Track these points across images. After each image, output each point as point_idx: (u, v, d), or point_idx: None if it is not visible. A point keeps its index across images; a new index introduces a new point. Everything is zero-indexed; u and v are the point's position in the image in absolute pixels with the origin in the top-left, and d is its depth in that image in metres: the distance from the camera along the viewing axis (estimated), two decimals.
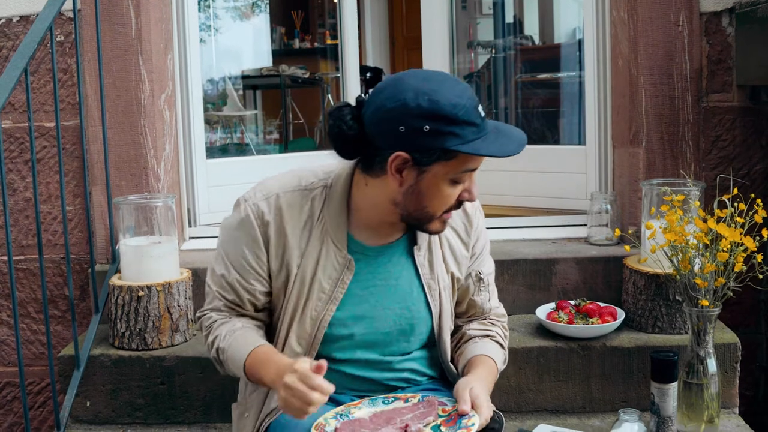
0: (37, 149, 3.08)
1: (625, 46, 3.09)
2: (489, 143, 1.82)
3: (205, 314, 2.08)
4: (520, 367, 2.68)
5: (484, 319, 2.22)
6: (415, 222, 1.96)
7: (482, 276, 2.17)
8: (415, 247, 2.07)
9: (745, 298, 3.00)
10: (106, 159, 2.96)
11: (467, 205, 2.13)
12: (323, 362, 1.74)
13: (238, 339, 1.98)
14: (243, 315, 2.06)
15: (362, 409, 2.00)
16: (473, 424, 1.86)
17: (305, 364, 1.76)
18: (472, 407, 1.86)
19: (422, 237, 2.07)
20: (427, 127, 1.79)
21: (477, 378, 2.01)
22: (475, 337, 2.17)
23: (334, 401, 2.06)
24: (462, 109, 1.79)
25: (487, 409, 1.88)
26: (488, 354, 2.13)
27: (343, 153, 1.94)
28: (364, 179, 1.96)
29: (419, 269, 2.07)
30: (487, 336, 2.18)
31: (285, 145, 7.10)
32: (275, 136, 7.15)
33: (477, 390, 1.90)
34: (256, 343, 1.98)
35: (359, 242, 2.02)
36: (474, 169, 1.88)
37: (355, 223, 2.02)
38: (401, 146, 1.83)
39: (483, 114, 1.84)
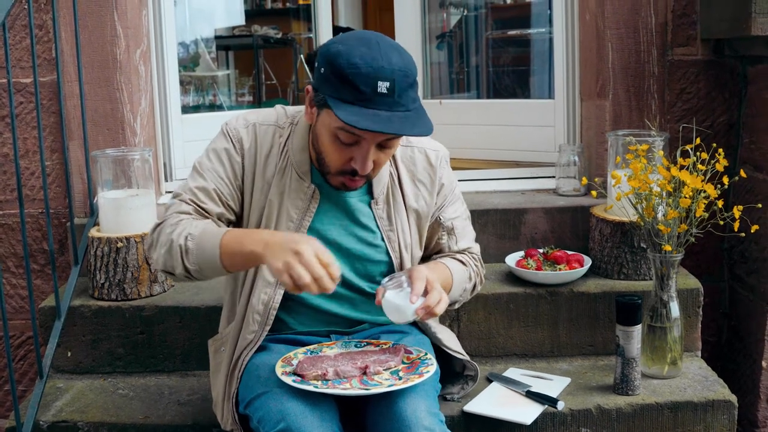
0: (14, 105, 3.09)
1: (592, 0, 3.15)
2: (355, 113, 1.81)
3: (169, 217, 2.04)
4: (489, 312, 2.74)
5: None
6: (321, 169, 2.02)
7: (442, 221, 2.23)
8: (372, 201, 2.13)
9: (709, 247, 3.08)
10: (83, 114, 2.98)
11: (431, 155, 2.20)
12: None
13: (211, 225, 2.00)
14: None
15: (333, 349, 2.07)
16: (428, 372, 1.94)
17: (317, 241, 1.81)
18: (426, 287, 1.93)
19: (378, 189, 2.12)
20: (323, 69, 1.87)
21: (426, 266, 2.10)
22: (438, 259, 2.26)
23: (301, 343, 2.14)
24: (353, 68, 1.81)
25: (437, 293, 1.94)
26: (442, 261, 2.22)
27: None
28: None
29: (378, 221, 2.13)
30: (449, 257, 2.26)
31: (258, 105, 7.09)
32: (248, 97, 7.13)
33: (425, 272, 1.97)
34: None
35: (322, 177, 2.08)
36: (352, 133, 1.87)
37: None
38: (313, 80, 1.93)
39: (384, 91, 1.81)
